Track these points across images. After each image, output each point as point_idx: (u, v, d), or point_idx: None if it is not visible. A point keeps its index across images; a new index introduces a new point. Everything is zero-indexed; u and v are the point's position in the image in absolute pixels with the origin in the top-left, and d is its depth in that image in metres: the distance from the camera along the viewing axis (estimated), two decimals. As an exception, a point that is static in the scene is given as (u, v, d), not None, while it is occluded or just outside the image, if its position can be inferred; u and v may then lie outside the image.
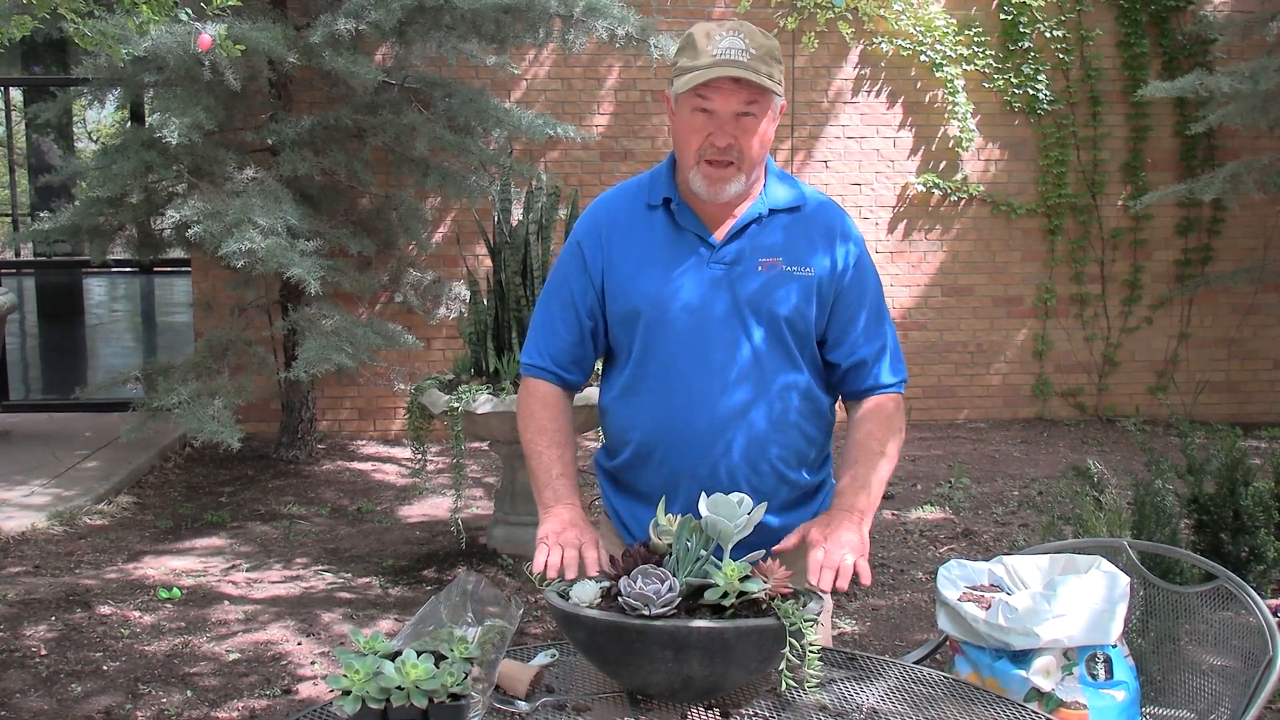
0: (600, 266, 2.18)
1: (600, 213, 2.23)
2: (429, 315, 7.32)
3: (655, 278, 2.13)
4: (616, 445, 2.24)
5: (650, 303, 2.13)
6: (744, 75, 2.00)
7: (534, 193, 5.11)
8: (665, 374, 2.13)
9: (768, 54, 2.05)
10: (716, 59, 2.02)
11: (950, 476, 6.63)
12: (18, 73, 9.74)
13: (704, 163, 2.07)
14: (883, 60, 7.98)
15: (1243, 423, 7.71)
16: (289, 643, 4.29)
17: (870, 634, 4.40)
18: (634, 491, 2.23)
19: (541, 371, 2.26)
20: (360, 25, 5.95)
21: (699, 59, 2.04)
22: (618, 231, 2.18)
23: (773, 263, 2.12)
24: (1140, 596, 2.54)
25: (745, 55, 2.02)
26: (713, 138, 2.06)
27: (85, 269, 11.02)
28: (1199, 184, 7.24)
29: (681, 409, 2.12)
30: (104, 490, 6.15)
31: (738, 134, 2.05)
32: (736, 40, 2.03)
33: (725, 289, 2.11)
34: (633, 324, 2.15)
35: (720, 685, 1.79)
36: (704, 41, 2.05)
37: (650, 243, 2.15)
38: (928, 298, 8.17)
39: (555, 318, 2.24)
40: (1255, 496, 3.78)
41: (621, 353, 2.21)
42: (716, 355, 2.11)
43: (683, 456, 2.12)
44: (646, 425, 2.16)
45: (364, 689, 1.65)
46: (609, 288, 2.17)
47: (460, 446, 4.88)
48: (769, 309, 2.11)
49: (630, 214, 2.19)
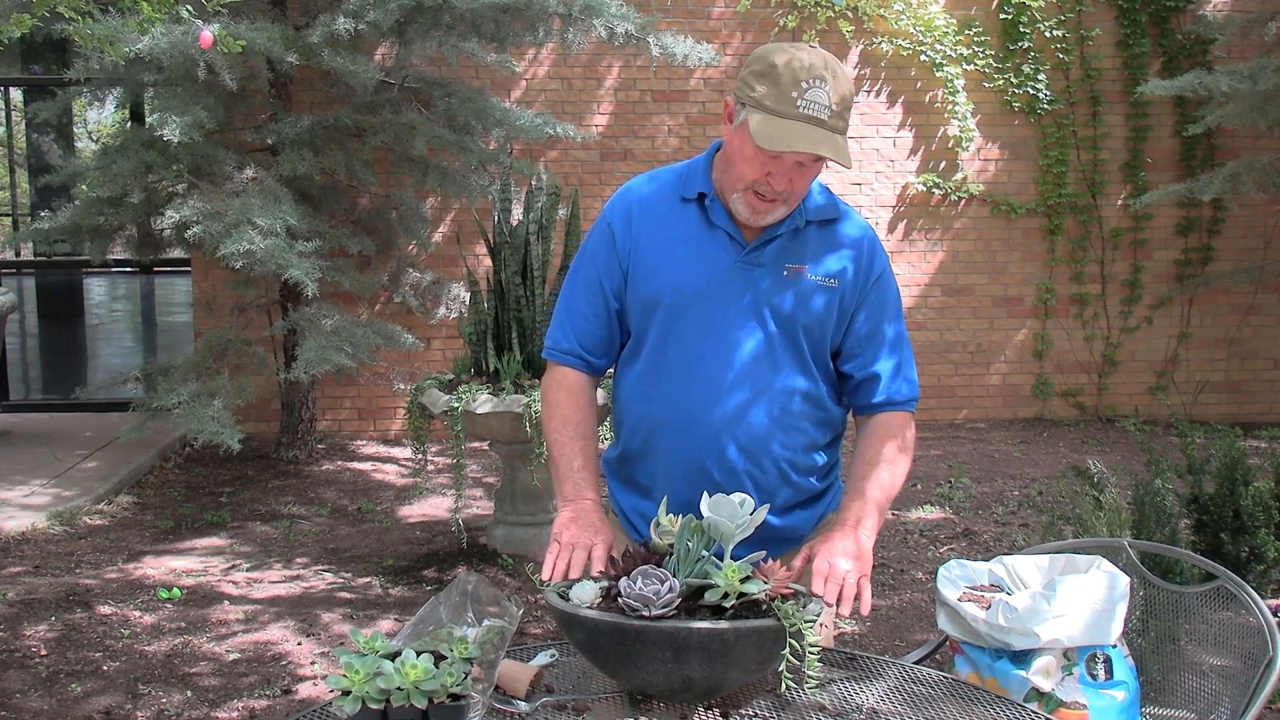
0: (628, 248, 2.17)
1: (633, 196, 2.21)
2: (429, 315, 7.32)
3: (680, 269, 2.13)
4: (623, 432, 2.24)
5: (671, 292, 2.12)
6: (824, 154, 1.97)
7: (534, 192, 5.11)
8: (678, 363, 2.14)
9: (846, 107, 2.02)
10: (799, 113, 1.97)
11: (950, 476, 6.63)
12: (17, 73, 9.74)
13: (753, 194, 2.05)
14: (883, 60, 7.98)
15: (1243, 423, 7.72)
16: (289, 643, 4.29)
17: (870, 634, 4.40)
18: (637, 484, 2.23)
19: (567, 356, 2.23)
20: (359, 25, 5.94)
21: (781, 104, 1.98)
22: (649, 218, 2.17)
23: (799, 269, 2.12)
24: (1140, 596, 2.53)
25: (827, 113, 1.98)
26: (771, 179, 2.03)
27: (85, 269, 11.01)
28: (1199, 184, 7.24)
29: (692, 398, 2.12)
30: (104, 490, 6.15)
31: (795, 178, 2.04)
32: (821, 94, 1.98)
33: (748, 287, 2.11)
34: (652, 311, 2.15)
35: (720, 686, 1.79)
36: (789, 84, 1.98)
37: (680, 234, 2.15)
38: (928, 298, 8.17)
39: (580, 300, 2.21)
40: (1255, 496, 3.77)
41: (637, 339, 2.20)
42: (730, 348, 2.11)
43: (689, 446, 2.13)
44: (655, 413, 2.16)
45: (364, 689, 1.65)
46: (633, 271, 2.16)
47: (460, 446, 4.88)
48: (788, 312, 2.12)
49: (663, 203, 2.18)
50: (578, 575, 1.96)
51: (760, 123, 1.99)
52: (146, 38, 5.37)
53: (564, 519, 2.07)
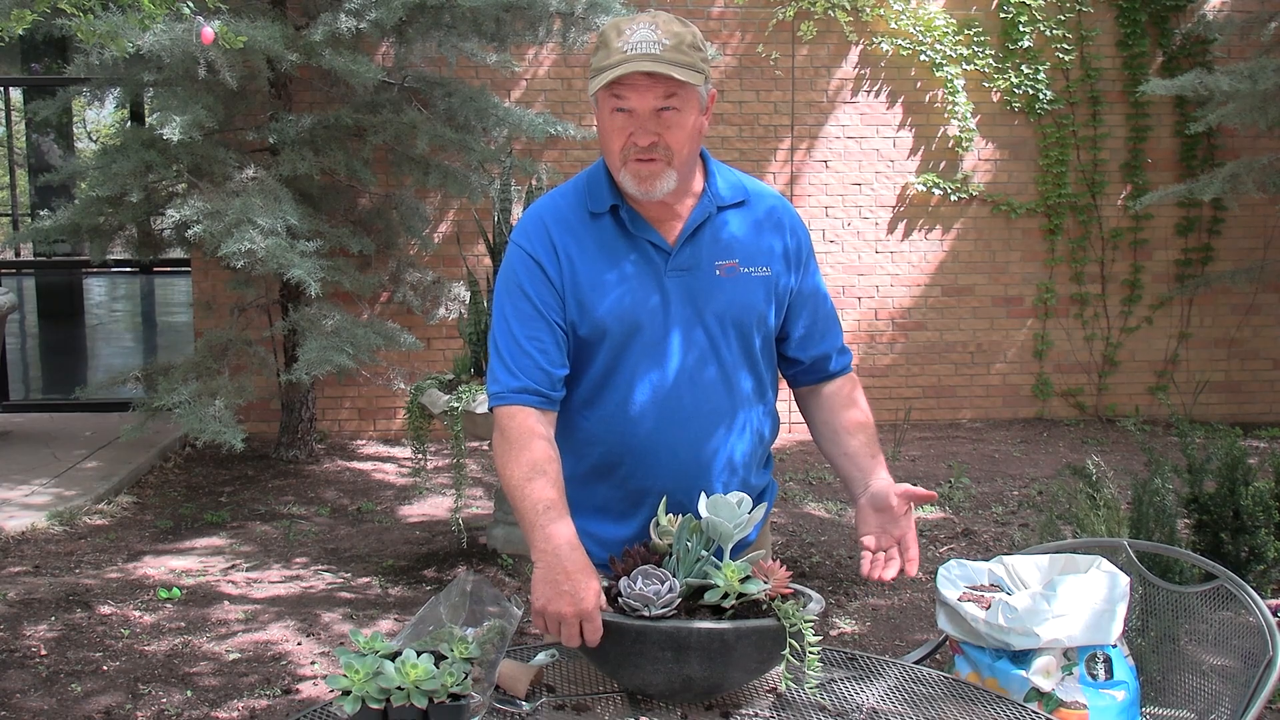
0: (566, 279, 2.05)
1: (546, 221, 2.08)
2: (429, 315, 7.32)
3: (618, 293, 2.04)
4: (573, 459, 2.09)
5: (616, 319, 2.03)
6: (654, 69, 1.92)
7: (534, 192, 5.11)
8: (630, 390, 2.06)
9: (684, 43, 1.96)
10: (627, 54, 1.93)
11: (950, 476, 6.63)
12: (17, 72, 9.74)
13: (631, 161, 2.00)
14: (882, 60, 7.98)
15: (1243, 423, 7.72)
16: (289, 643, 4.29)
17: (870, 634, 4.40)
18: (587, 506, 2.10)
19: (521, 395, 2.01)
20: (361, 24, 5.94)
21: (611, 56, 1.95)
22: (571, 243, 2.06)
23: (730, 265, 2.07)
24: (1140, 596, 2.53)
25: (658, 47, 1.94)
26: (634, 137, 1.97)
27: (85, 269, 11.01)
28: (1199, 184, 7.24)
29: (648, 425, 2.06)
30: (104, 490, 6.15)
31: (661, 130, 1.97)
32: (648, 32, 1.95)
33: (687, 301, 2.05)
34: (598, 341, 2.05)
35: (720, 686, 1.79)
36: (615, 38, 1.96)
37: (604, 254, 2.05)
38: (928, 298, 8.17)
39: (518, 336, 2.03)
40: (1255, 496, 3.77)
41: (583, 367, 2.09)
42: (683, 370, 2.06)
43: (648, 473, 2.07)
44: (611, 441, 2.08)
45: (364, 689, 1.65)
46: (575, 302, 2.04)
47: (460, 446, 4.88)
48: (729, 314, 2.07)
49: (576, 223, 2.08)
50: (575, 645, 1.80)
51: (596, 81, 1.97)
52: (148, 35, 5.37)
53: (537, 580, 1.83)
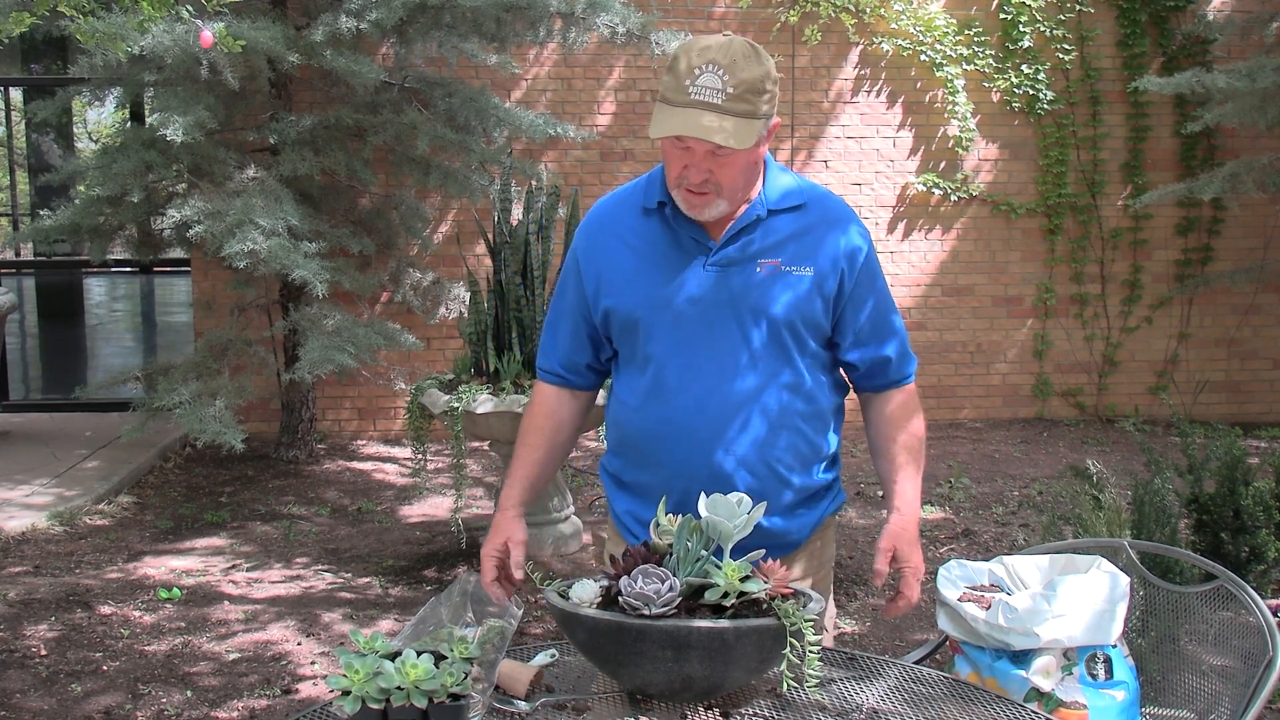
0: (594, 272, 2.18)
1: (594, 221, 2.23)
2: (429, 315, 7.32)
3: (652, 282, 2.12)
4: (617, 447, 2.25)
5: (647, 308, 2.12)
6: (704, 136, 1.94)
7: (534, 192, 5.11)
8: (664, 377, 2.12)
9: (749, 89, 1.96)
10: (690, 99, 1.96)
11: (950, 476, 6.63)
12: (17, 72, 9.74)
13: (683, 189, 2.05)
14: (883, 60, 7.98)
15: (1243, 423, 7.71)
16: (289, 643, 4.29)
17: (870, 634, 4.40)
18: (635, 492, 2.22)
19: (548, 375, 2.29)
20: (361, 24, 5.94)
21: (675, 93, 1.97)
22: (612, 237, 2.17)
23: (772, 264, 2.10)
24: (1140, 596, 2.54)
25: (720, 96, 1.95)
26: (688, 171, 2.02)
27: (85, 269, 11.00)
28: (1199, 184, 7.23)
29: (680, 411, 2.11)
30: (104, 490, 6.15)
31: (714, 168, 2.01)
32: (714, 78, 1.95)
33: (722, 290, 2.10)
34: (633, 330, 2.14)
35: (720, 685, 1.79)
36: (685, 70, 1.97)
37: (646, 247, 2.14)
38: (928, 298, 8.17)
39: (558, 324, 2.28)
40: (1255, 496, 3.78)
41: (623, 356, 2.21)
42: (714, 357, 2.10)
43: (682, 459, 2.11)
44: (647, 428, 2.15)
45: (364, 689, 1.66)
46: (604, 293, 2.16)
47: (460, 446, 4.88)
48: (766, 309, 2.09)
49: (626, 219, 2.17)
50: (489, 579, 2.11)
51: (655, 113, 2.01)
52: (148, 36, 5.37)
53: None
